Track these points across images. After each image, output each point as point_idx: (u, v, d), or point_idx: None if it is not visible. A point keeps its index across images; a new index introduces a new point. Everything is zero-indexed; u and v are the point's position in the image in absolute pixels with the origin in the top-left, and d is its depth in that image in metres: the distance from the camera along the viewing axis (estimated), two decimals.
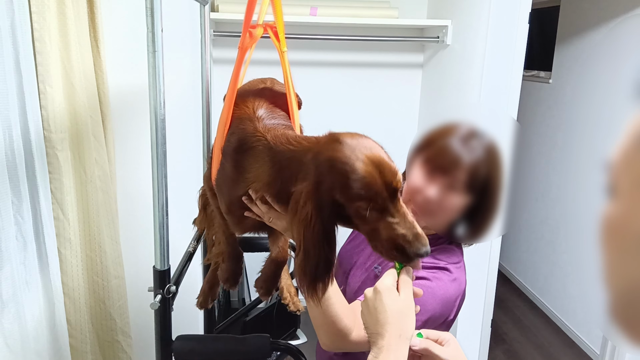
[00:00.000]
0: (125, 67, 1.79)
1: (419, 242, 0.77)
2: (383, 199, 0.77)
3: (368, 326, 0.80)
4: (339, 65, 2.95)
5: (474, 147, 0.98)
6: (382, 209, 0.78)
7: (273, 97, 1.06)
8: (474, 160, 0.98)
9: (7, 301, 1.35)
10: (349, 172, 0.77)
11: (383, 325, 0.76)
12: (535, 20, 2.32)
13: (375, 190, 0.76)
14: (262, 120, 0.97)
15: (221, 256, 1.25)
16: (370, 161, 0.78)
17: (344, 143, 0.80)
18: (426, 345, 0.78)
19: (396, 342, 0.75)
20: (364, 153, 0.79)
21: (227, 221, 1.09)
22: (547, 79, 3.44)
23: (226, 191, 1.02)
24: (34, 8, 1.40)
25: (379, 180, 0.77)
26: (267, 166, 0.90)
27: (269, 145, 0.90)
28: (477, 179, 0.98)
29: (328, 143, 0.82)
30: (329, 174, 0.79)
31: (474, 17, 2.35)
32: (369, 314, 0.80)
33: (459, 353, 0.79)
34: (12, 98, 1.34)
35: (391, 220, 0.78)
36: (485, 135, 0.99)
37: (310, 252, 0.81)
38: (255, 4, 1.03)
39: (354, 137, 0.82)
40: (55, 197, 1.53)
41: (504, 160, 0.98)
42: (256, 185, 0.93)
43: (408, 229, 0.78)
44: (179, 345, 1.20)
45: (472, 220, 1.04)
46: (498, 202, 0.99)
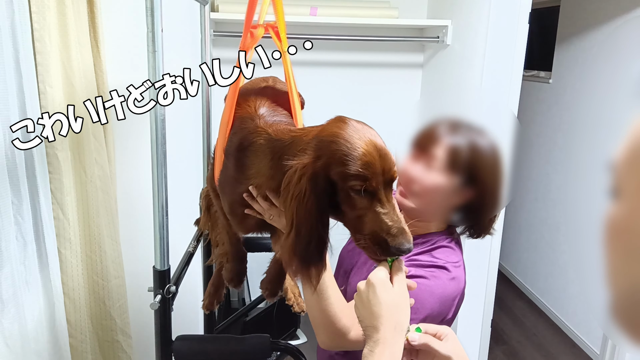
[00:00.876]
0: (125, 67, 1.79)
1: (403, 236, 0.76)
2: (378, 182, 0.77)
3: (362, 320, 0.79)
4: (339, 65, 2.95)
5: (458, 133, 0.99)
6: (374, 193, 0.77)
7: (275, 96, 1.06)
8: (454, 142, 0.98)
9: (7, 301, 1.34)
10: (350, 149, 0.77)
11: (377, 317, 0.75)
12: (535, 20, 2.32)
13: (372, 171, 0.76)
14: (264, 117, 0.97)
15: (225, 256, 1.25)
16: (372, 144, 0.78)
17: (349, 124, 0.81)
18: (425, 340, 0.77)
19: (392, 335, 0.74)
20: (368, 136, 0.79)
21: (230, 221, 1.09)
22: (547, 79, 3.44)
23: (229, 191, 1.02)
24: (34, 8, 1.40)
25: (378, 163, 0.77)
26: (268, 159, 0.90)
27: (270, 138, 0.90)
28: (457, 159, 0.98)
29: (333, 122, 0.83)
30: (329, 149, 0.79)
31: (474, 17, 2.35)
32: (363, 307, 0.79)
33: (458, 348, 0.78)
34: (12, 98, 1.34)
35: (379, 210, 0.77)
36: (472, 127, 1.00)
37: (302, 230, 0.79)
38: (256, 4, 1.03)
39: (360, 122, 0.83)
40: (55, 197, 1.52)
41: (498, 158, 0.97)
42: (257, 181, 0.93)
43: (394, 221, 0.77)
44: (179, 345, 1.20)
45: (468, 211, 1.04)
46: (492, 192, 0.99)
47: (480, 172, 0.98)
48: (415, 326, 0.79)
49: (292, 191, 0.79)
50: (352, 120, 0.82)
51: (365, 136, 0.79)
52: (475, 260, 2.46)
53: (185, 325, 1.54)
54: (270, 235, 1.16)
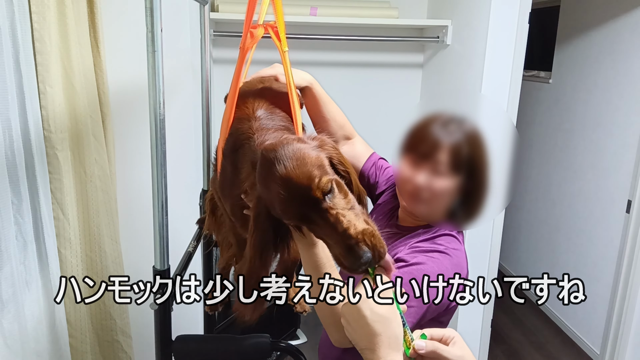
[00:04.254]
0: (125, 67, 1.79)
1: (356, 251, 0.72)
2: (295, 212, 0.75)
3: (356, 343, 0.77)
4: (339, 65, 2.95)
5: (453, 130, 0.99)
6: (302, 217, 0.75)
7: (274, 97, 1.06)
8: (453, 141, 0.99)
9: (7, 301, 1.34)
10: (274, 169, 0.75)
11: (370, 338, 0.73)
12: (535, 20, 2.32)
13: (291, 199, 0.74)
14: (260, 120, 0.97)
15: (234, 258, 1.25)
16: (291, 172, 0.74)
17: (280, 143, 0.78)
18: (433, 348, 0.75)
19: (387, 352, 0.73)
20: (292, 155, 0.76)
21: (235, 223, 1.09)
22: (547, 79, 3.44)
23: (227, 193, 1.03)
24: (34, 8, 1.40)
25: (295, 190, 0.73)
26: (249, 165, 0.90)
27: (252, 145, 0.90)
28: (460, 158, 0.99)
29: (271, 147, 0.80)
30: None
31: (474, 17, 2.35)
32: (352, 331, 0.76)
33: (465, 351, 0.77)
34: (12, 98, 1.34)
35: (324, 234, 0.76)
36: (463, 120, 1.01)
37: (245, 258, 0.81)
38: (256, 4, 1.03)
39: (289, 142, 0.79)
40: (55, 197, 1.52)
41: (485, 140, 0.99)
42: (246, 186, 0.93)
43: (345, 237, 0.72)
44: (179, 346, 1.20)
45: (466, 202, 1.04)
46: (487, 180, 1.00)
47: (477, 162, 1.00)
48: (420, 332, 0.77)
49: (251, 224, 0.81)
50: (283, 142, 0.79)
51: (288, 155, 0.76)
52: (476, 260, 2.46)
53: (185, 325, 1.53)
54: None
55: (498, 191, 1.01)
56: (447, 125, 1.00)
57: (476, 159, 0.99)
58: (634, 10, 2.64)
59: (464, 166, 0.99)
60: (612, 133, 2.80)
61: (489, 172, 0.99)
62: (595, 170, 2.94)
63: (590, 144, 2.98)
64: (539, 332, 3.22)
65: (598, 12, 2.93)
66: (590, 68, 2.99)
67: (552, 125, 3.40)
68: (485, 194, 1.01)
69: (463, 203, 1.04)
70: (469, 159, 0.99)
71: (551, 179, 3.41)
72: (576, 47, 3.14)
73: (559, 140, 3.32)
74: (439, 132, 1.00)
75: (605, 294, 2.79)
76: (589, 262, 2.98)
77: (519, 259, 3.80)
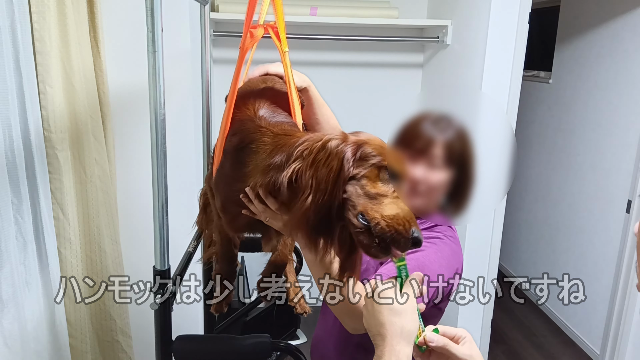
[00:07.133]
0: (125, 67, 1.79)
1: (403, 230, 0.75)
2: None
3: (370, 329, 0.80)
4: (339, 65, 2.95)
5: (444, 126, 1.05)
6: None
7: (274, 97, 1.07)
8: (446, 137, 1.04)
9: (7, 301, 1.34)
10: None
11: (382, 325, 0.76)
12: (535, 20, 2.33)
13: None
14: (264, 119, 0.98)
15: (215, 256, 1.25)
16: None
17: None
18: (444, 343, 0.78)
19: (398, 341, 0.75)
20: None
21: (222, 220, 1.09)
22: (547, 79, 3.44)
23: (223, 188, 1.03)
24: (34, 8, 1.40)
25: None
26: (266, 154, 0.90)
27: (276, 134, 0.92)
28: (453, 152, 1.04)
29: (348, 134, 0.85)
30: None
31: (474, 17, 2.35)
32: (369, 316, 0.80)
33: (474, 351, 0.79)
34: (12, 98, 1.34)
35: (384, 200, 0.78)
36: (451, 118, 1.05)
37: (318, 196, 0.78)
38: (256, 4, 1.03)
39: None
40: (55, 197, 1.52)
41: (472, 135, 1.03)
42: (253, 180, 0.93)
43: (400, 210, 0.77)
44: (179, 346, 1.20)
45: (456, 194, 1.09)
46: (475, 172, 1.05)
47: (466, 156, 1.04)
48: (433, 327, 0.80)
49: (320, 157, 0.78)
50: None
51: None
52: (475, 260, 2.46)
53: (185, 325, 1.53)
54: (261, 236, 1.16)
55: (488, 185, 1.05)
56: (438, 122, 1.05)
57: (465, 153, 1.04)
58: (634, 10, 2.64)
59: (455, 160, 1.05)
60: (612, 133, 2.80)
61: (476, 165, 1.04)
62: (595, 170, 2.94)
63: (590, 144, 2.98)
64: (539, 332, 3.22)
65: (598, 12, 2.93)
66: (590, 68, 2.99)
67: (552, 125, 3.40)
68: (473, 185, 1.05)
69: (453, 194, 1.09)
70: (460, 153, 1.04)
71: (551, 179, 3.41)
72: (576, 47, 3.14)
73: (559, 140, 3.32)
74: (432, 129, 1.05)
75: (605, 294, 2.79)
76: (589, 262, 2.98)
77: (519, 259, 3.80)
